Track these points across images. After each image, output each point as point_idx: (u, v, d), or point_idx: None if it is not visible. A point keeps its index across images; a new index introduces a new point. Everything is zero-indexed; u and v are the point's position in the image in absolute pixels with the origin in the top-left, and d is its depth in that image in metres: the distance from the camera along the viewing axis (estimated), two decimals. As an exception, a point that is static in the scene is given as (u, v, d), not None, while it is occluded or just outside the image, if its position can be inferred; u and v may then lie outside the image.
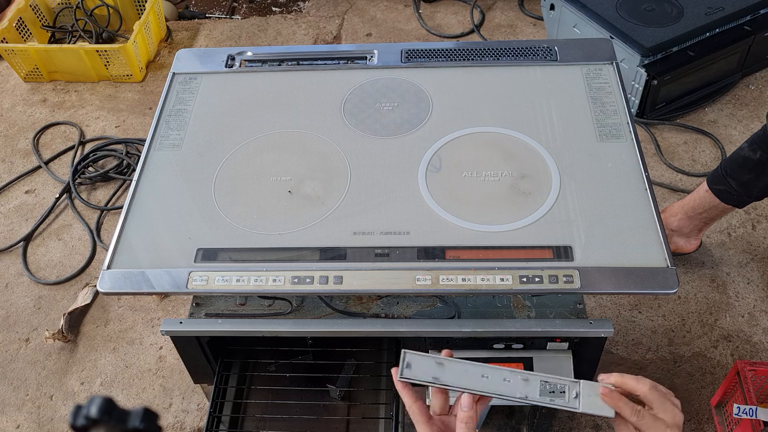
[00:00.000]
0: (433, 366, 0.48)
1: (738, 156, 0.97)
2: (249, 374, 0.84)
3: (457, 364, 0.49)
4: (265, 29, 1.86)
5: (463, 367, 0.48)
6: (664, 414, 0.46)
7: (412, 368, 0.49)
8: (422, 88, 0.83)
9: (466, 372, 0.48)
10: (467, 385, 0.48)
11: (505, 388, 0.48)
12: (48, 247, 1.35)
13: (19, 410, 1.10)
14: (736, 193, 0.99)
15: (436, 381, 0.48)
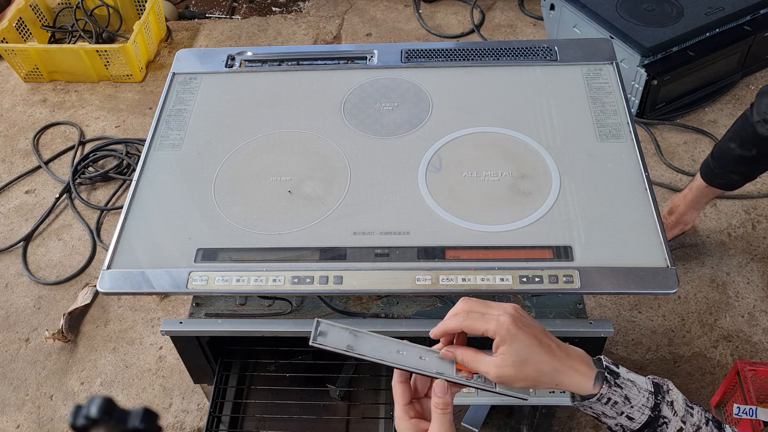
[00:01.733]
0: (346, 336, 0.48)
1: (734, 156, 0.98)
2: (249, 374, 0.84)
3: (372, 337, 0.48)
4: (265, 29, 1.86)
5: (379, 341, 0.48)
6: (492, 309, 0.46)
7: (326, 336, 0.48)
8: (422, 88, 0.83)
9: (382, 346, 0.48)
10: (381, 357, 0.47)
11: (421, 364, 0.47)
12: (48, 247, 1.35)
13: (19, 410, 1.10)
14: (738, 182, 1.02)
15: (350, 350, 0.48)
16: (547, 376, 0.45)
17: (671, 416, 0.45)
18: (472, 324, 0.45)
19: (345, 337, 0.48)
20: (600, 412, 0.46)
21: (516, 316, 0.45)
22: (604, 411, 0.46)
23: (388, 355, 0.47)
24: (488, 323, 0.45)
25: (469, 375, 0.47)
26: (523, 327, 0.45)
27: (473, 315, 0.46)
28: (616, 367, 0.47)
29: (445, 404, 0.45)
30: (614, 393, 0.45)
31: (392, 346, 0.48)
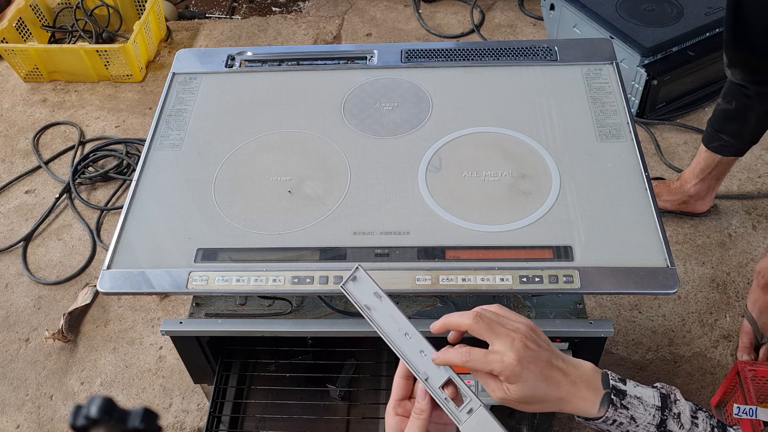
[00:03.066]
0: (371, 295, 0.46)
1: (718, 111, 1.02)
2: (249, 374, 0.84)
3: (394, 309, 0.46)
4: (265, 29, 1.86)
5: (395, 316, 0.45)
6: (498, 342, 0.43)
7: (357, 284, 0.46)
8: (422, 88, 0.83)
9: (395, 321, 0.45)
10: (387, 332, 0.45)
11: (414, 358, 0.45)
12: (48, 247, 1.35)
13: (19, 410, 1.10)
14: (731, 144, 1.03)
15: (366, 310, 0.46)
16: (551, 405, 0.44)
17: (677, 431, 0.45)
18: (475, 364, 0.43)
19: (370, 296, 0.46)
20: (605, 431, 0.46)
21: (521, 352, 0.43)
22: (609, 430, 0.46)
23: (393, 333, 0.45)
24: (492, 364, 0.43)
25: (453, 393, 0.44)
26: (529, 365, 0.43)
27: (475, 354, 0.43)
28: (623, 384, 0.46)
29: (420, 410, 0.44)
30: (620, 415, 0.45)
31: (403, 327, 0.45)
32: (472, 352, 0.44)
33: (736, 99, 0.96)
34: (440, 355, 0.45)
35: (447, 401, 0.44)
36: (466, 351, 0.44)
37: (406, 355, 0.45)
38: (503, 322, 0.44)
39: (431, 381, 0.44)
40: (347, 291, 0.47)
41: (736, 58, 0.91)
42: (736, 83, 0.94)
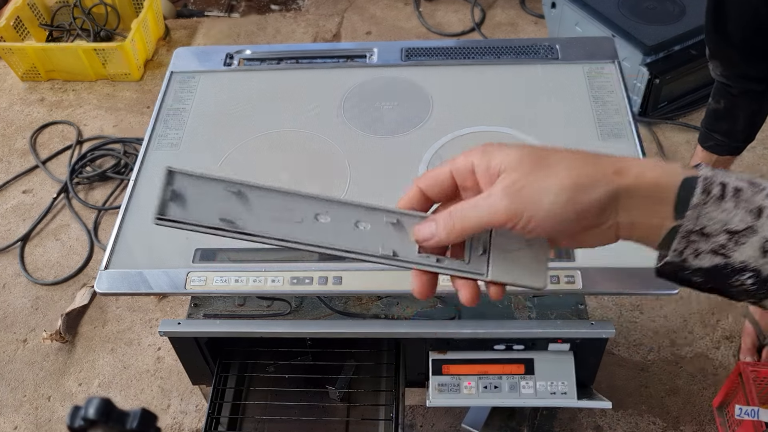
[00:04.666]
0: (220, 202, 0.30)
1: (709, 111, 1.00)
2: (248, 375, 0.84)
3: (272, 195, 0.32)
4: (264, 27, 1.85)
5: (280, 202, 0.32)
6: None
7: (186, 207, 0.30)
8: (423, 86, 0.82)
9: (302, 205, 0.32)
10: (277, 234, 0.31)
11: (351, 240, 0.32)
12: (45, 247, 1.34)
13: (17, 411, 1.09)
14: (725, 143, 1.03)
15: (228, 228, 0.30)
16: (588, 191, 0.29)
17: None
18: (465, 223, 0.31)
19: (222, 204, 0.31)
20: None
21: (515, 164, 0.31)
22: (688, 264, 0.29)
23: (293, 229, 0.31)
24: (480, 210, 0.31)
25: (455, 251, 0.33)
26: (529, 176, 0.30)
27: (457, 212, 0.32)
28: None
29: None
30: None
31: (308, 207, 0.32)
32: (452, 212, 0.31)
33: (724, 98, 0.95)
34: (418, 233, 0.33)
35: (441, 265, 0.33)
36: (445, 215, 0.32)
37: (339, 248, 0.32)
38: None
39: (404, 255, 0.33)
40: (171, 221, 0.30)
41: (717, 50, 0.91)
42: (721, 82, 0.93)
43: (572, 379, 0.71)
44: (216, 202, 0.31)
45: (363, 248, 0.33)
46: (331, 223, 0.33)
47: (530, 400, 0.73)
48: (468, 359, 0.73)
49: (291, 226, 0.32)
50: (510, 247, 0.33)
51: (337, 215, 0.33)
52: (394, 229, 0.34)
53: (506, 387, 0.74)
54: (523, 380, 0.74)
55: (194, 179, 0.31)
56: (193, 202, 0.31)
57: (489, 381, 0.74)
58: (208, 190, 0.31)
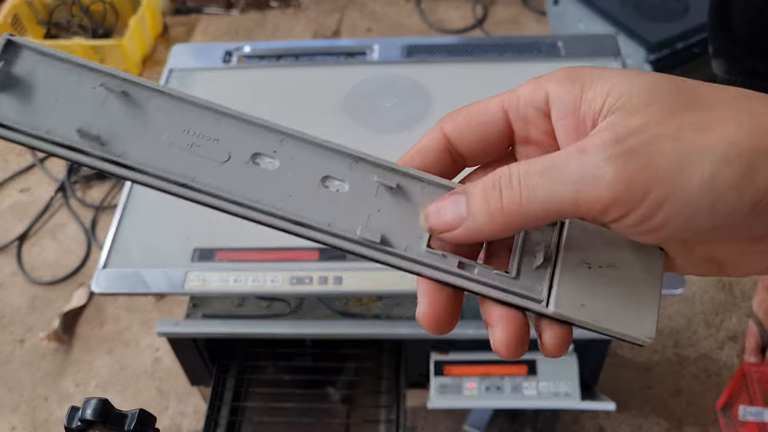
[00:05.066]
0: (93, 101, 0.20)
1: None
2: (247, 376, 0.83)
3: (174, 109, 0.20)
4: (263, 24, 1.84)
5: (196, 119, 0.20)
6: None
7: (31, 101, 0.20)
8: (424, 83, 0.81)
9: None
10: (178, 175, 0.20)
11: (309, 206, 0.20)
12: (43, 246, 1.33)
13: (14, 412, 1.09)
14: None
15: (86, 146, 0.19)
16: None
17: None
18: (532, 208, 0.18)
19: (84, 111, 0.20)
20: None
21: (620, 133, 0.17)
22: None
23: (209, 170, 0.20)
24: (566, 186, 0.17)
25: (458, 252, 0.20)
26: (653, 143, 0.17)
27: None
28: None
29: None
30: None
31: (245, 139, 0.20)
32: (500, 181, 0.18)
33: None
34: (434, 214, 0.19)
35: (480, 272, 0.20)
36: (486, 187, 0.18)
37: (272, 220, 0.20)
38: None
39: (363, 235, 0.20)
40: (6, 129, 0.19)
41: (722, 47, 0.89)
42: (725, 80, 0.92)
43: (576, 380, 0.70)
44: (82, 104, 0.20)
45: (327, 223, 0.20)
46: (279, 172, 0.20)
47: (533, 401, 0.73)
48: (470, 360, 0.72)
49: (206, 166, 0.20)
50: (595, 258, 0.19)
51: (293, 161, 0.20)
52: (390, 199, 0.20)
53: (508, 388, 0.73)
54: (525, 381, 0.73)
55: (49, 60, 0.20)
56: (44, 98, 0.20)
57: (491, 382, 0.73)
58: (72, 81, 0.20)
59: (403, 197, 0.21)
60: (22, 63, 0.20)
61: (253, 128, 0.21)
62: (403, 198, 0.21)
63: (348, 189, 0.20)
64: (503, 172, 0.18)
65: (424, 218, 0.20)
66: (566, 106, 0.19)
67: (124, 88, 0.20)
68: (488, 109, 0.21)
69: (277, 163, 0.20)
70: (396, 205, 0.20)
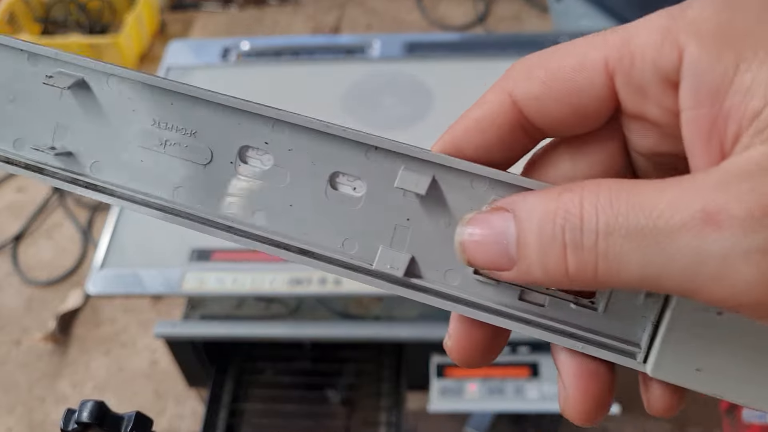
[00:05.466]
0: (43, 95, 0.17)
1: None
2: (245, 378, 0.82)
3: (139, 94, 0.17)
4: (262, 20, 1.83)
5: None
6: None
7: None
8: (425, 80, 0.80)
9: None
10: (145, 188, 0.17)
11: (309, 221, 0.16)
12: (39, 246, 1.32)
13: (10, 414, 1.08)
14: None
15: (26, 157, 0.17)
16: None
17: None
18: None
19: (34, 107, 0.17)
20: None
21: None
22: None
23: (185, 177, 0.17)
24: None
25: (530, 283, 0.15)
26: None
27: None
28: None
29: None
30: None
31: (231, 130, 0.16)
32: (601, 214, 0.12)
33: None
34: (472, 247, 0.14)
35: (551, 310, 0.15)
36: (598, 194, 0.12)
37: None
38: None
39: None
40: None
41: None
42: None
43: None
44: (40, 103, 0.17)
45: (333, 246, 0.16)
46: (273, 172, 0.16)
47: (535, 404, 0.72)
48: (472, 363, 0.71)
49: (184, 173, 0.16)
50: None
51: (291, 154, 0.16)
52: (419, 209, 0.15)
53: (511, 391, 0.72)
54: (528, 384, 0.72)
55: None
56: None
57: (493, 385, 0.72)
58: (21, 73, 0.16)
59: (441, 200, 0.15)
60: None
61: (235, 114, 0.16)
62: (441, 201, 0.15)
63: (366, 190, 0.16)
64: (571, 210, 0.12)
65: (459, 248, 0.14)
66: (706, 87, 0.12)
67: (77, 77, 0.16)
68: (583, 68, 0.14)
69: (270, 161, 0.16)
70: (432, 212, 0.15)
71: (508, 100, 0.15)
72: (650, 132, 0.14)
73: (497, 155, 0.15)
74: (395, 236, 0.15)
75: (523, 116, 0.15)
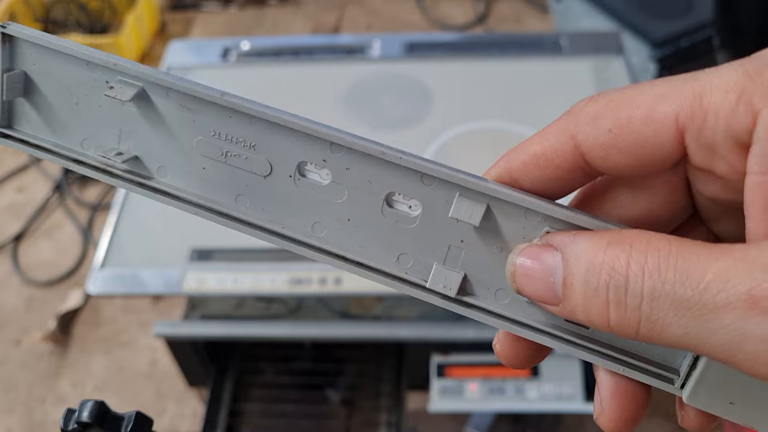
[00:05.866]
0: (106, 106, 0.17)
1: None
2: (246, 378, 0.82)
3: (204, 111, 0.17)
4: (262, 20, 1.83)
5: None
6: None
7: (41, 106, 0.17)
8: (425, 80, 0.80)
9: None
10: (213, 200, 0.18)
11: (364, 239, 0.17)
12: (39, 246, 1.32)
13: (11, 414, 1.07)
14: None
15: (96, 160, 0.18)
16: None
17: None
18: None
19: (99, 116, 0.17)
20: None
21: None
22: None
23: (247, 189, 0.18)
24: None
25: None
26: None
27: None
28: None
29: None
30: None
31: (290, 148, 0.17)
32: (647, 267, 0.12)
33: None
34: (522, 276, 0.15)
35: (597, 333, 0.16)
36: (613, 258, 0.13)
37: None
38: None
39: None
40: (27, 146, 0.18)
41: (728, 40, 0.88)
42: None
43: (579, 382, 0.69)
44: (103, 109, 0.17)
45: (388, 260, 0.17)
46: (331, 188, 0.17)
47: (536, 404, 0.72)
48: (472, 362, 0.71)
49: (247, 183, 0.17)
50: None
51: (348, 173, 0.16)
52: (473, 234, 0.16)
53: (511, 391, 0.72)
54: (528, 383, 0.72)
55: (54, 55, 0.17)
56: (62, 103, 0.17)
57: (493, 384, 0.72)
58: (84, 79, 0.17)
59: (495, 227, 0.16)
60: (26, 59, 0.17)
61: (292, 132, 0.16)
62: (494, 227, 0.16)
63: (421, 211, 0.16)
64: (617, 269, 0.12)
65: (510, 277, 0.15)
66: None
67: (141, 87, 0.17)
68: (652, 121, 0.14)
69: (328, 176, 0.17)
70: (486, 237, 0.16)
71: (571, 144, 0.15)
72: (716, 182, 0.14)
73: (553, 188, 0.16)
74: (449, 254, 0.16)
75: (585, 161, 0.15)
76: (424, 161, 0.16)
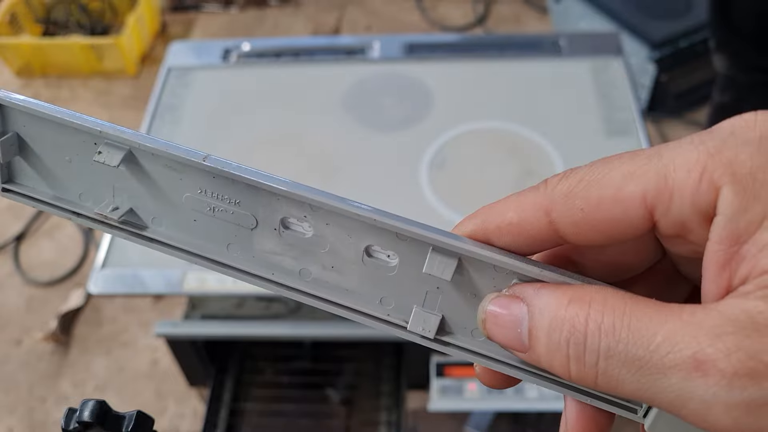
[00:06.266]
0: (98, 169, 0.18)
1: (715, 106, 0.97)
2: (246, 378, 0.82)
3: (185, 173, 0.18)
4: (262, 21, 1.83)
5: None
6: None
7: (39, 163, 0.18)
8: (425, 81, 0.80)
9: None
10: (201, 249, 0.19)
11: (348, 285, 0.18)
12: (40, 246, 1.32)
13: (12, 414, 1.08)
14: None
15: (99, 215, 0.18)
16: None
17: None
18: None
19: (90, 174, 0.19)
20: None
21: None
22: None
23: (235, 240, 0.18)
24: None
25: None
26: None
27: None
28: None
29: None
30: None
31: (272, 204, 0.18)
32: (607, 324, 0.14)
33: (730, 91, 0.93)
34: (492, 323, 0.16)
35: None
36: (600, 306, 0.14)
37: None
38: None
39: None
40: (27, 198, 0.19)
41: (725, 41, 0.88)
42: (727, 75, 0.91)
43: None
44: (95, 168, 0.18)
45: (372, 303, 0.18)
46: (314, 240, 0.18)
47: (535, 403, 0.72)
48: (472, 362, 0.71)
49: (236, 235, 0.18)
50: None
51: (328, 228, 0.18)
52: (448, 283, 0.17)
53: (510, 390, 0.73)
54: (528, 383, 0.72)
55: (43, 121, 0.18)
56: (55, 161, 0.18)
57: (493, 384, 0.72)
58: (74, 141, 0.18)
59: (467, 277, 0.17)
60: (17, 122, 0.18)
61: (270, 192, 0.18)
62: (467, 278, 0.17)
63: (398, 261, 0.17)
64: (576, 327, 0.14)
65: (481, 322, 0.16)
66: (731, 229, 0.13)
67: (126, 149, 0.19)
68: (621, 201, 0.14)
69: (311, 229, 0.18)
70: (459, 285, 0.17)
71: (545, 219, 0.16)
72: (686, 245, 0.15)
73: (525, 250, 0.17)
74: (427, 298, 0.18)
75: (558, 234, 0.16)
76: (397, 221, 0.17)
